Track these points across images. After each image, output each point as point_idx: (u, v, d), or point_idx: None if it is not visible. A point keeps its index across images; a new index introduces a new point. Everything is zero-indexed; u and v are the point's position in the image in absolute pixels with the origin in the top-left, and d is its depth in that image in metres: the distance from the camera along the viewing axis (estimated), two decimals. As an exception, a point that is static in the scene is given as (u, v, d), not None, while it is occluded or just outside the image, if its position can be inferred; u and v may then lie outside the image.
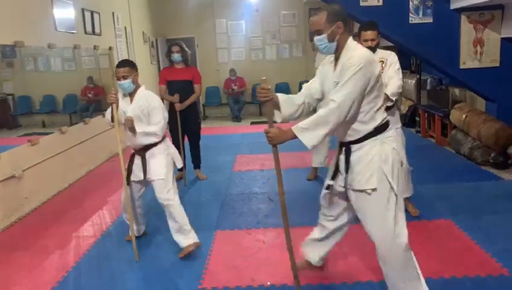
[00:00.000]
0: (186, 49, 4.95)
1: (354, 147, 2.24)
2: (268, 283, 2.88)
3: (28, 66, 5.28)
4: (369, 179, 2.19)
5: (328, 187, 2.42)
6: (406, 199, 3.73)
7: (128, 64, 3.31)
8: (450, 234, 3.47)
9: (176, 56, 4.87)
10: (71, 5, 5.91)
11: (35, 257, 3.47)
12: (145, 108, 3.24)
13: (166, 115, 3.33)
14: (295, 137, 2.17)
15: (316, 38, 2.23)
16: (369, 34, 3.48)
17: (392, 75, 3.47)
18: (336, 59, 2.25)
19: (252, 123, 9.78)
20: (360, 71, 2.06)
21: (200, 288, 2.87)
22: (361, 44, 3.32)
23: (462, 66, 5.60)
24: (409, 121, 7.62)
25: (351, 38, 2.22)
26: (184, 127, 4.99)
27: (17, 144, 4.59)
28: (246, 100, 10.62)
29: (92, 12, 6.53)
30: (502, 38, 5.48)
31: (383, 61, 3.52)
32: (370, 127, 2.20)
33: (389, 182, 2.18)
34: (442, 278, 2.82)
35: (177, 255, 3.29)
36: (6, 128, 5.15)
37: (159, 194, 3.27)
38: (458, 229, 3.54)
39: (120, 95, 3.34)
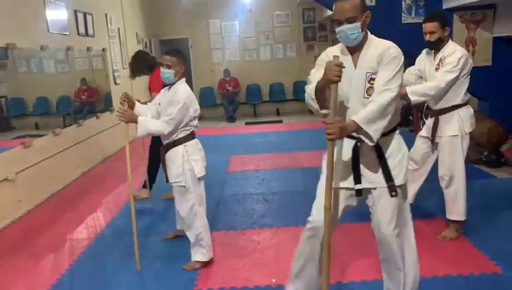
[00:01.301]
0: (136, 58, 4.47)
1: (381, 141, 2.09)
2: (274, 281, 2.88)
3: (20, 68, 5.24)
4: (402, 173, 2.15)
5: (359, 193, 2.17)
6: None
7: (177, 54, 3.09)
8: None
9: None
10: (63, 6, 5.88)
11: (29, 259, 3.45)
12: (168, 101, 3.04)
13: (196, 106, 3.15)
14: (359, 130, 1.97)
15: (346, 27, 2.02)
16: (427, 26, 3.20)
17: (436, 75, 3.20)
18: (354, 51, 2.12)
19: (247, 124, 9.78)
20: (402, 62, 2.05)
21: (196, 289, 2.87)
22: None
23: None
24: (402, 120, 7.66)
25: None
26: None
27: (10, 147, 4.56)
28: (241, 101, 10.62)
29: (84, 14, 6.51)
30: (494, 38, 5.52)
31: (441, 59, 3.21)
32: (396, 120, 2.17)
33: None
34: (436, 277, 2.83)
35: (172, 257, 3.29)
36: (-1, 131, 5.12)
37: (176, 200, 3.12)
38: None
39: (162, 90, 3.22)
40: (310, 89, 2.10)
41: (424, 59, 3.41)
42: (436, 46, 3.25)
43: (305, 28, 10.88)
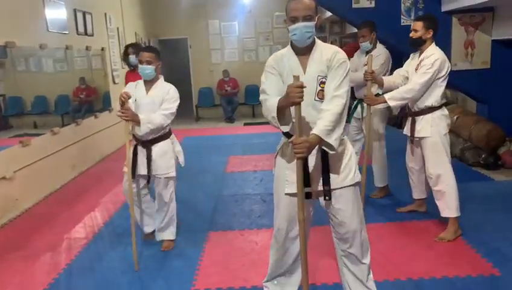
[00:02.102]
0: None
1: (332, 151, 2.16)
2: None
3: (19, 67, 5.23)
4: (351, 174, 2.23)
5: (308, 196, 2.20)
6: None
7: (154, 51, 3.24)
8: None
9: (132, 58, 4.43)
10: (63, 5, 5.87)
11: (26, 259, 3.44)
12: (162, 97, 3.18)
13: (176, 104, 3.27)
14: (321, 142, 2.03)
15: (303, 24, 2.06)
16: (414, 24, 3.37)
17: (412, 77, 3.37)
18: (303, 54, 2.14)
19: (245, 124, 9.78)
20: (348, 67, 2.13)
21: (193, 289, 2.87)
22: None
23: (453, 68, 5.57)
24: (400, 122, 7.67)
25: None
26: None
27: (8, 145, 4.55)
28: (239, 101, 10.63)
29: (84, 13, 6.50)
30: (493, 40, 5.54)
31: (422, 60, 3.32)
32: None
33: None
34: (433, 278, 2.84)
35: (169, 256, 3.29)
36: (-3, 130, 5.11)
37: (164, 191, 3.30)
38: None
39: (132, 86, 3.26)
40: (270, 107, 2.07)
41: (410, 61, 3.51)
42: (417, 46, 3.37)
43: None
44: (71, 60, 6.23)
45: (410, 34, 3.35)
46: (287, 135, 2.21)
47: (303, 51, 2.14)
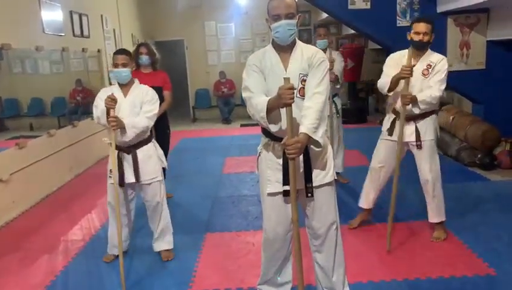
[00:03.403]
0: (155, 51, 4.46)
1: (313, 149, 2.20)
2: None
3: (15, 69, 5.23)
4: (332, 169, 2.30)
5: (286, 193, 2.20)
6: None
7: (128, 53, 3.17)
8: (437, 234, 3.51)
9: (144, 58, 4.33)
10: (59, 7, 5.87)
11: (23, 261, 3.43)
12: (141, 100, 3.10)
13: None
14: (308, 140, 2.06)
15: (286, 21, 2.08)
16: (422, 26, 3.17)
17: (431, 85, 3.19)
18: (284, 52, 2.17)
19: (242, 125, 9.78)
20: (327, 66, 2.20)
21: (190, 291, 2.87)
22: (411, 37, 3.19)
23: (448, 68, 5.63)
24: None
25: None
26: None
27: (4, 147, 4.54)
28: (236, 102, 10.61)
29: (80, 15, 6.50)
30: (488, 41, 5.57)
31: (430, 66, 3.22)
32: None
33: None
34: (429, 278, 2.85)
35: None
36: (-7, 132, 5.10)
37: (153, 197, 3.19)
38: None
39: (107, 91, 3.07)
40: (259, 106, 2.07)
41: (401, 61, 3.25)
42: (422, 49, 3.25)
43: (300, 31, 10.88)
44: (67, 61, 6.22)
45: (420, 38, 3.15)
46: (268, 135, 2.24)
47: (284, 49, 2.17)
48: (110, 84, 7.53)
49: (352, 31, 7.93)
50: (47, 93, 5.83)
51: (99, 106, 3.02)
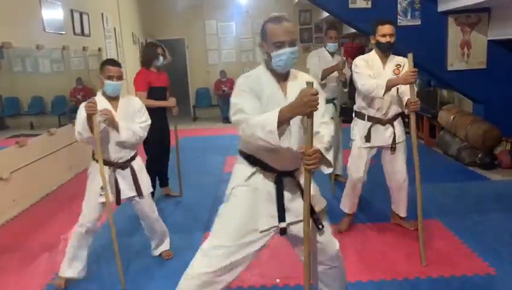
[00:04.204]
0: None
1: (298, 170, 2.08)
2: (278, 280, 2.89)
3: (15, 67, 5.23)
4: (320, 201, 2.14)
5: (284, 232, 2.04)
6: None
7: (120, 65, 3.00)
8: (437, 233, 3.51)
9: (162, 59, 4.23)
10: (60, 5, 5.87)
11: (23, 259, 3.44)
12: (133, 110, 2.99)
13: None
14: (321, 159, 1.90)
15: (290, 50, 1.94)
16: (388, 28, 3.19)
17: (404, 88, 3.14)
18: (281, 79, 2.01)
19: (242, 124, 9.78)
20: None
21: None
22: (377, 40, 3.20)
23: (449, 68, 5.67)
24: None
25: None
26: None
27: (5, 146, 4.54)
28: (236, 101, 10.62)
29: (80, 13, 6.49)
30: (489, 41, 5.56)
31: (400, 65, 3.26)
32: None
33: None
34: (429, 278, 2.85)
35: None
36: (-6, 130, 5.11)
37: (151, 208, 3.11)
38: (446, 229, 3.58)
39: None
40: (262, 121, 1.80)
41: (374, 64, 3.28)
42: (389, 51, 3.27)
43: (301, 30, 10.89)
44: (68, 60, 6.22)
45: (388, 39, 3.18)
46: (256, 163, 2.03)
47: (281, 76, 2.02)
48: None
49: (353, 30, 7.92)
50: (47, 92, 5.83)
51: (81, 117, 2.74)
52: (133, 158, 3.01)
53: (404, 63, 3.26)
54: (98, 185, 2.87)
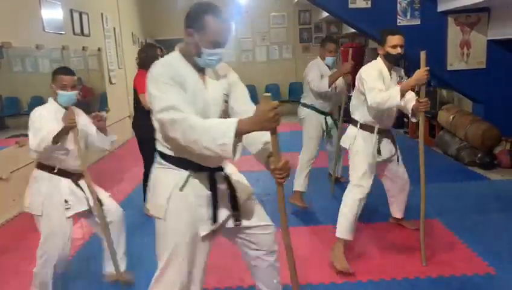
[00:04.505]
0: None
1: (228, 169, 2.08)
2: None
3: (15, 67, 5.22)
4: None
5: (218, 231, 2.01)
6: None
7: (74, 74, 2.80)
8: (437, 233, 3.51)
9: None
10: (59, 5, 5.86)
11: (22, 260, 3.43)
12: (84, 122, 2.86)
13: None
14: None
15: (223, 51, 1.92)
16: (399, 38, 3.03)
17: (408, 96, 3.04)
18: (199, 70, 1.93)
19: (242, 124, 9.78)
20: None
21: None
22: (387, 52, 3.02)
23: (449, 68, 5.67)
24: (397, 122, 7.70)
25: None
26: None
27: (5, 146, 4.54)
28: (236, 101, 10.62)
29: (80, 13, 6.49)
30: (488, 40, 5.57)
31: (401, 77, 3.18)
32: None
33: None
34: (429, 278, 2.85)
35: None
36: (-7, 130, 5.10)
37: (117, 212, 2.90)
38: (445, 228, 3.59)
39: (51, 115, 2.70)
40: (217, 131, 1.63)
41: (382, 73, 3.11)
42: (397, 62, 3.16)
43: (301, 30, 10.90)
44: (67, 60, 6.22)
45: (399, 51, 3.01)
46: (188, 166, 1.88)
47: (201, 69, 1.91)
48: (111, 82, 7.52)
49: (353, 30, 7.93)
50: (47, 92, 5.76)
51: (43, 128, 2.56)
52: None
53: (403, 76, 3.18)
54: (61, 199, 2.64)
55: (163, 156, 1.91)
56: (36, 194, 2.65)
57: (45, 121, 2.59)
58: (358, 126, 3.21)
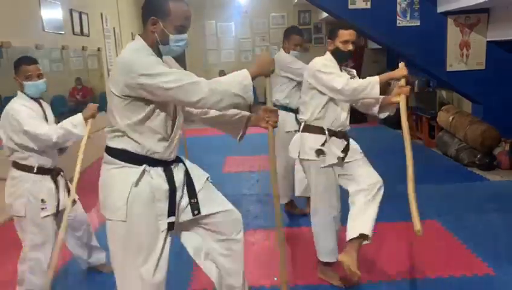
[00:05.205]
0: None
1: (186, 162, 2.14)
2: (276, 279, 2.89)
3: (15, 67, 5.22)
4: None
5: (172, 227, 2.00)
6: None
7: (37, 62, 2.77)
8: (436, 234, 3.51)
9: None
10: (59, 5, 5.86)
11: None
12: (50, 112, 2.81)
13: None
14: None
15: (187, 36, 1.91)
16: (352, 33, 2.71)
17: None
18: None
19: (242, 125, 9.78)
20: None
21: (189, 290, 2.86)
22: (336, 47, 2.70)
23: (448, 69, 5.68)
24: (397, 122, 7.71)
25: None
26: None
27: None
28: (236, 102, 10.63)
29: (80, 13, 6.49)
30: (488, 41, 5.57)
31: (353, 76, 2.88)
32: None
33: None
34: (428, 278, 2.85)
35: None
36: (-7, 130, 5.08)
37: (83, 212, 3.06)
38: (445, 229, 3.59)
39: (32, 108, 2.73)
40: (235, 78, 1.89)
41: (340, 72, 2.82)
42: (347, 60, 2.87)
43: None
44: (67, 60, 6.22)
45: (351, 48, 2.71)
46: (144, 160, 1.87)
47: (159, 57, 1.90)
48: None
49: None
50: (46, 92, 5.80)
51: (40, 124, 2.67)
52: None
53: (355, 76, 2.87)
54: (37, 198, 2.64)
55: (118, 154, 1.89)
56: (19, 195, 2.67)
57: (32, 119, 2.63)
58: (301, 128, 2.98)
